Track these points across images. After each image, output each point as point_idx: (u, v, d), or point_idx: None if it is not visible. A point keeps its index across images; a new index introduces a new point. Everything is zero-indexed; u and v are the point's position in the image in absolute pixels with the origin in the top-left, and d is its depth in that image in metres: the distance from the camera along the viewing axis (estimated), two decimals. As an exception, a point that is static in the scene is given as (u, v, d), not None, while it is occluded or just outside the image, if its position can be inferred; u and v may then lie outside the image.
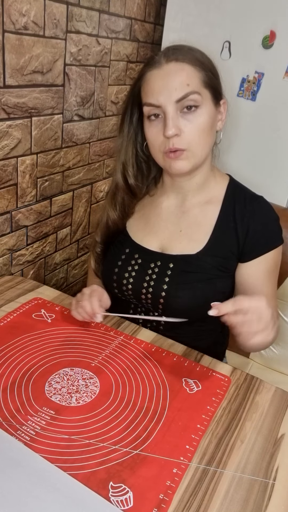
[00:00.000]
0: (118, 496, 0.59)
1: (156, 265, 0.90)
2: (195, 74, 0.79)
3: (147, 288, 0.90)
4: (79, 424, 0.69)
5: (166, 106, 0.78)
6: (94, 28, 1.24)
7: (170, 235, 0.92)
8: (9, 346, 0.83)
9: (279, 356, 1.27)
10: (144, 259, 0.92)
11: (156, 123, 0.81)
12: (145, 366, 0.83)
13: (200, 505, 0.60)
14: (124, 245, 0.95)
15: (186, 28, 1.47)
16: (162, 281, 0.88)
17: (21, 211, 1.18)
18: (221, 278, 0.89)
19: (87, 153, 1.40)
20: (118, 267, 0.93)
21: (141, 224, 0.96)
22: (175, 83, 0.77)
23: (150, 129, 0.83)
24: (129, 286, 0.92)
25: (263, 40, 1.37)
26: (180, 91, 0.77)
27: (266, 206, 0.90)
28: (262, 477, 0.65)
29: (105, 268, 0.98)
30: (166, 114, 0.78)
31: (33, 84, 1.08)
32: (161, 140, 0.81)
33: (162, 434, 0.69)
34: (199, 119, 0.79)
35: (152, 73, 0.80)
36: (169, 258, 0.90)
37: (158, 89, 0.78)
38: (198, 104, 0.79)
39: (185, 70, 0.78)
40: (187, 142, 0.80)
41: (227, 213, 0.89)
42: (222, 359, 1.07)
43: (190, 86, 0.78)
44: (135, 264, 0.92)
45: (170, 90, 0.77)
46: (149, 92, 0.80)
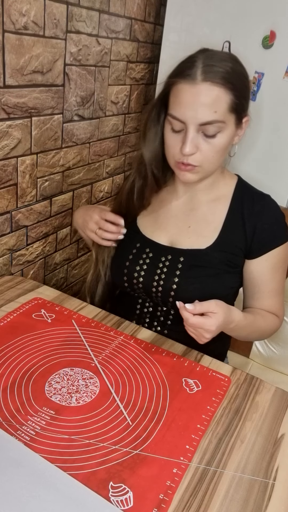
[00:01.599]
0: (118, 496, 0.59)
1: (167, 258, 0.92)
2: (225, 99, 0.78)
3: (158, 281, 0.92)
4: (79, 424, 0.69)
5: (189, 124, 0.79)
6: (94, 28, 1.24)
7: (179, 230, 0.94)
8: (9, 346, 0.83)
9: (279, 356, 1.27)
10: (154, 253, 0.94)
11: (177, 133, 0.82)
12: (145, 366, 0.83)
13: (200, 505, 0.60)
14: (134, 240, 0.97)
15: (186, 28, 1.47)
16: (173, 275, 0.91)
17: (21, 211, 1.18)
18: (229, 273, 0.92)
19: (87, 153, 1.40)
20: (129, 261, 0.95)
21: (151, 220, 0.98)
22: (204, 107, 0.78)
23: (169, 136, 0.84)
24: (140, 279, 0.94)
25: (263, 40, 1.37)
26: (206, 116, 0.78)
27: (273, 204, 0.93)
28: (262, 477, 0.65)
29: (115, 263, 0.99)
30: (187, 132, 0.79)
31: (33, 84, 1.08)
32: (177, 151, 0.82)
33: (162, 434, 0.69)
34: (217, 142, 0.81)
35: (184, 87, 0.78)
36: (180, 252, 0.92)
37: (185, 106, 0.78)
38: (219, 130, 0.80)
39: (217, 95, 0.78)
40: (200, 160, 0.82)
41: (235, 211, 0.92)
42: (223, 359, 1.07)
43: (216, 114, 0.78)
44: (146, 258, 0.94)
45: (197, 111, 0.78)
46: (177, 106, 0.80)
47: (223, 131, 0.81)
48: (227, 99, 0.79)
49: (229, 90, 0.78)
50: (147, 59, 1.58)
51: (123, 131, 1.58)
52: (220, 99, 0.78)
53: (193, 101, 0.78)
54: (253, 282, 0.93)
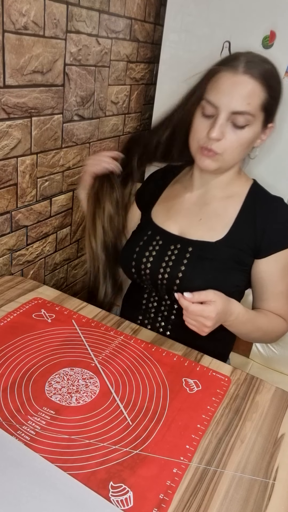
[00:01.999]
0: (118, 496, 0.59)
1: (176, 247, 0.94)
2: (259, 96, 0.83)
3: (165, 268, 0.93)
4: (79, 424, 0.69)
5: (221, 110, 0.82)
6: (94, 28, 1.24)
7: (190, 222, 0.96)
8: (9, 346, 0.83)
9: (279, 356, 1.27)
10: (164, 241, 0.96)
11: (207, 119, 0.85)
12: (145, 366, 0.83)
13: (200, 505, 0.60)
14: (146, 228, 1.00)
15: (186, 28, 1.47)
16: (180, 263, 0.92)
17: (21, 211, 1.18)
18: (236, 270, 0.92)
19: (87, 153, 1.40)
20: (139, 247, 0.97)
21: (164, 210, 1.01)
22: (239, 96, 0.81)
23: (199, 120, 0.87)
24: (148, 265, 0.95)
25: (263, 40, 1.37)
26: (239, 105, 0.82)
27: (285, 207, 0.94)
28: (262, 477, 0.65)
29: (125, 248, 1.01)
30: (218, 118, 0.83)
31: (33, 84, 1.08)
32: (203, 135, 0.85)
33: (162, 434, 0.69)
34: (243, 135, 0.84)
35: (225, 75, 0.83)
36: (189, 242, 0.94)
37: (222, 92, 0.82)
38: (248, 123, 0.83)
39: (253, 88, 0.82)
40: (223, 148, 0.85)
41: (247, 210, 0.94)
42: (226, 360, 1.08)
43: (249, 106, 0.82)
44: (156, 245, 0.96)
45: (232, 98, 0.82)
46: (214, 91, 0.83)
47: (251, 126, 0.84)
48: (261, 95, 0.83)
49: (265, 88, 0.83)
50: (147, 59, 1.58)
51: (123, 131, 1.58)
52: (255, 94, 0.82)
53: (230, 89, 0.82)
54: (262, 282, 0.94)
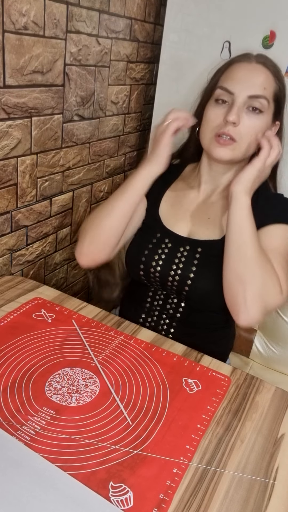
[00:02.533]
0: (118, 496, 0.59)
1: (185, 249, 0.95)
2: (273, 85, 0.86)
3: (175, 271, 0.93)
4: (79, 424, 0.69)
5: (238, 96, 0.84)
6: (94, 28, 1.24)
7: (199, 221, 0.97)
8: (9, 346, 0.83)
9: (279, 356, 1.27)
10: (173, 243, 0.96)
11: (221, 107, 0.86)
12: (145, 366, 0.83)
13: (200, 505, 0.60)
14: (155, 230, 0.99)
15: (186, 28, 1.47)
16: (191, 264, 0.93)
17: (21, 211, 1.18)
18: None
19: (87, 153, 1.40)
20: (148, 250, 0.97)
21: (172, 212, 1.00)
22: (255, 81, 0.84)
23: (213, 109, 0.87)
24: (157, 268, 0.95)
25: (263, 40, 1.37)
26: (256, 89, 0.84)
27: (283, 197, 0.96)
28: (262, 477, 0.65)
29: (133, 252, 1.00)
30: (235, 103, 0.84)
31: (33, 84, 1.07)
32: (219, 123, 0.86)
33: (162, 434, 0.69)
34: (257, 122, 0.86)
35: (240, 64, 0.86)
36: (197, 243, 0.94)
37: (238, 79, 0.85)
38: (263, 110, 0.85)
39: (268, 76, 0.85)
40: (240, 135, 0.85)
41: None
42: (226, 359, 1.08)
43: (265, 90, 0.84)
44: (165, 247, 0.96)
45: (248, 84, 0.84)
46: (229, 78, 0.86)
47: (265, 113, 0.86)
48: (274, 85, 0.86)
49: (276, 79, 0.86)
50: (147, 59, 1.58)
51: (123, 131, 1.58)
52: (270, 81, 0.85)
53: (246, 75, 0.85)
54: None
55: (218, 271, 0.90)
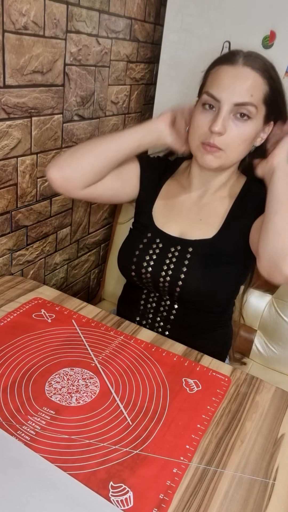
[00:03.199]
0: (118, 496, 0.59)
1: (176, 249, 0.94)
2: (261, 88, 0.83)
3: (166, 271, 0.93)
4: (79, 424, 0.69)
5: (224, 103, 0.82)
6: (94, 28, 1.24)
7: (191, 222, 0.96)
8: (9, 346, 0.83)
9: (279, 356, 1.27)
10: (164, 243, 0.96)
11: (208, 114, 0.84)
12: (145, 366, 0.83)
13: (200, 505, 0.60)
14: (146, 229, 0.99)
15: (186, 28, 1.47)
16: (182, 264, 0.92)
17: (21, 211, 1.18)
18: (236, 264, 0.93)
19: (87, 153, 1.40)
20: (139, 250, 0.96)
21: (165, 211, 0.99)
22: (241, 88, 0.81)
23: (199, 116, 0.86)
24: (148, 269, 0.95)
25: (263, 40, 1.37)
26: (242, 97, 0.81)
27: None
28: (262, 477, 0.65)
29: (124, 251, 1.00)
30: (220, 111, 0.82)
31: (33, 84, 1.07)
32: (205, 131, 0.84)
33: (162, 434, 0.69)
34: (245, 129, 0.83)
35: (225, 68, 0.83)
36: (188, 243, 0.94)
37: (223, 85, 0.82)
38: (251, 116, 0.83)
39: (255, 80, 0.82)
40: (226, 144, 0.84)
41: (241, 199, 0.95)
42: (224, 359, 1.08)
43: (252, 97, 0.81)
44: (156, 248, 0.96)
45: (234, 91, 0.81)
46: (215, 85, 0.83)
47: (253, 119, 0.83)
48: (263, 88, 0.83)
49: (266, 80, 0.83)
50: (147, 59, 1.58)
51: (123, 131, 1.58)
52: (257, 86, 0.82)
53: (231, 82, 0.81)
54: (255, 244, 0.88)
55: (210, 270, 0.90)
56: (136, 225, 1.05)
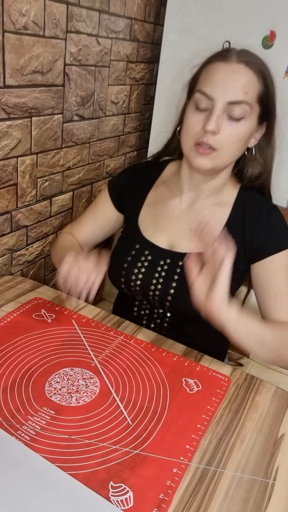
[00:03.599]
0: (118, 496, 0.59)
1: (166, 262, 0.91)
2: (256, 86, 0.80)
3: (155, 285, 0.91)
4: (79, 424, 0.69)
5: (217, 101, 0.79)
6: (94, 28, 1.24)
7: (181, 233, 0.92)
8: (9, 346, 0.83)
9: (279, 356, 1.27)
10: (154, 255, 0.92)
11: (201, 113, 0.81)
12: (145, 366, 0.83)
13: (200, 505, 0.60)
14: (134, 240, 0.95)
15: (186, 28, 1.47)
16: (171, 279, 0.89)
17: (21, 211, 1.18)
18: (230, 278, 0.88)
19: (87, 153, 1.40)
20: (127, 263, 0.93)
21: (153, 221, 0.96)
22: (236, 85, 0.78)
23: (192, 115, 0.82)
24: (137, 282, 0.92)
25: (263, 40, 1.37)
26: (236, 95, 0.78)
27: (275, 211, 0.91)
28: (262, 477, 0.65)
29: (113, 263, 0.97)
30: (214, 109, 0.79)
31: (33, 84, 1.07)
32: (198, 130, 0.81)
33: (162, 434, 0.69)
34: (240, 128, 0.80)
35: (219, 65, 0.80)
36: (179, 256, 0.90)
37: (217, 82, 0.79)
38: (245, 115, 0.80)
39: (250, 77, 0.79)
40: (220, 144, 0.81)
41: (237, 213, 0.90)
42: (223, 359, 1.07)
43: (246, 95, 0.79)
44: (144, 260, 0.93)
45: (228, 88, 0.78)
46: (208, 82, 0.80)
47: (247, 118, 0.80)
48: (257, 86, 0.80)
49: (260, 79, 0.80)
50: (147, 59, 1.58)
51: (123, 131, 1.58)
52: (252, 83, 0.79)
53: (226, 78, 0.78)
54: (263, 286, 0.89)
55: None
56: (123, 235, 1.01)
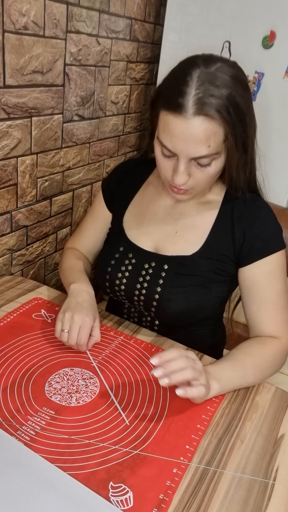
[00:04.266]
0: (118, 496, 0.59)
1: (150, 265, 0.88)
2: (219, 133, 0.71)
3: (140, 290, 0.88)
4: (79, 424, 0.69)
5: (180, 157, 0.73)
6: (94, 28, 1.24)
7: (166, 235, 0.89)
8: (9, 346, 0.83)
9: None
10: (138, 259, 0.89)
11: (168, 159, 0.77)
12: (145, 366, 0.83)
13: (200, 505, 0.60)
14: (119, 243, 0.92)
15: (186, 28, 1.47)
16: (156, 283, 0.86)
17: (21, 211, 1.18)
18: (217, 282, 0.86)
19: (87, 153, 1.40)
20: (111, 266, 0.91)
21: (137, 222, 0.93)
22: (196, 142, 0.71)
23: (161, 159, 0.78)
24: (121, 287, 0.90)
25: (263, 40, 1.37)
26: (199, 151, 0.72)
27: (265, 209, 0.86)
28: (262, 477, 0.65)
29: (98, 266, 0.95)
30: (179, 164, 0.74)
31: (33, 84, 1.08)
32: (169, 175, 0.78)
33: (162, 434, 0.69)
34: (210, 170, 0.76)
35: (174, 120, 0.70)
36: (164, 259, 0.87)
37: (176, 139, 0.72)
38: (214, 159, 0.75)
39: (211, 130, 0.70)
40: (193, 185, 0.78)
41: (224, 216, 0.87)
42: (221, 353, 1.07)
43: (210, 148, 0.72)
44: (128, 264, 0.90)
45: (188, 146, 0.71)
46: (167, 136, 0.73)
47: (218, 159, 0.75)
48: (221, 132, 0.71)
49: (223, 121, 0.70)
50: (147, 59, 1.58)
51: (123, 131, 1.58)
52: (215, 134, 0.71)
53: (184, 136, 0.71)
54: (249, 292, 0.86)
55: (188, 290, 0.84)
56: (108, 236, 0.99)
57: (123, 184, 0.98)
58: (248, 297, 0.87)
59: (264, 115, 1.43)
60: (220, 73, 0.70)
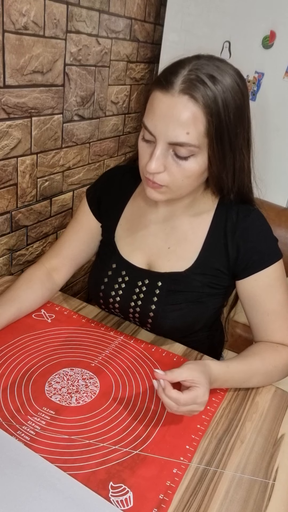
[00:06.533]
0: (118, 496, 0.59)
1: (144, 283, 0.86)
2: (201, 121, 0.67)
3: (134, 308, 0.88)
4: (79, 424, 0.69)
5: (158, 140, 0.69)
6: (94, 28, 1.24)
7: (158, 251, 0.87)
8: (9, 346, 0.83)
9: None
10: (131, 276, 0.88)
11: (148, 144, 0.73)
12: (145, 366, 0.83)
13: (200, 505, 0.60)
14: (110, 259, 0.90)
15: (186, 28, 1.47)
16: (150, 301, 0.85)
17: (21, 211, 1.18)
18: (212, 295, 0.85)
19: (87, 153, 1.40)
20: (104, 284, 0.89)
21: (129, 238, 0.90)
22: (176, 123, 0.67)
23: (141, 145, 0.74)
24: (116, 304, 0.90)
25: (263, 40, 1.37)
26: (176, 136, 0.67)
27: (259, 222, 0.83)
28: (262, 477, 0.65)
29: (91, 282, 0.94)
30: (155, 149, 0.70)
31: (33, 84, 1.07)
32: (146, 161, 0.73)
33: (162, 434, 0.69)
34: (188, 166, 0.71)
35: (159, 96, 0.68)
36: (157, 276, 0.85)
37: (158, 116, 0.68)
38: (192, 154, 0.70)
39: (193, 113, 0.66)
40: (167, 182, 0.73)
41: (217, 228, 0.83)
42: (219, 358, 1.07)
43: (188, 136, 0.67)
44: (122, 282, 0.88)
45: (167, 126, 0.68)
46: (150, 114, 0.70)
47: (197, 156, 0.70)
48: (204, 121, 0.67)
49: (208, 110, 0.67)
50: (147, 59, 1.58)
51: (123, 131, 1.58)
52: (196, 120, 0.67)
53: (165, 114, 0.67)
54: (249, 303, 0.84)
55: (183, 306, 0.83)
56: (100, 250, 0.95)
57: (111, 194, 0.93)
58: (249, 308, 0.85)
59: (264, 115, 1.43)
60: (221, 71, 0.68)
